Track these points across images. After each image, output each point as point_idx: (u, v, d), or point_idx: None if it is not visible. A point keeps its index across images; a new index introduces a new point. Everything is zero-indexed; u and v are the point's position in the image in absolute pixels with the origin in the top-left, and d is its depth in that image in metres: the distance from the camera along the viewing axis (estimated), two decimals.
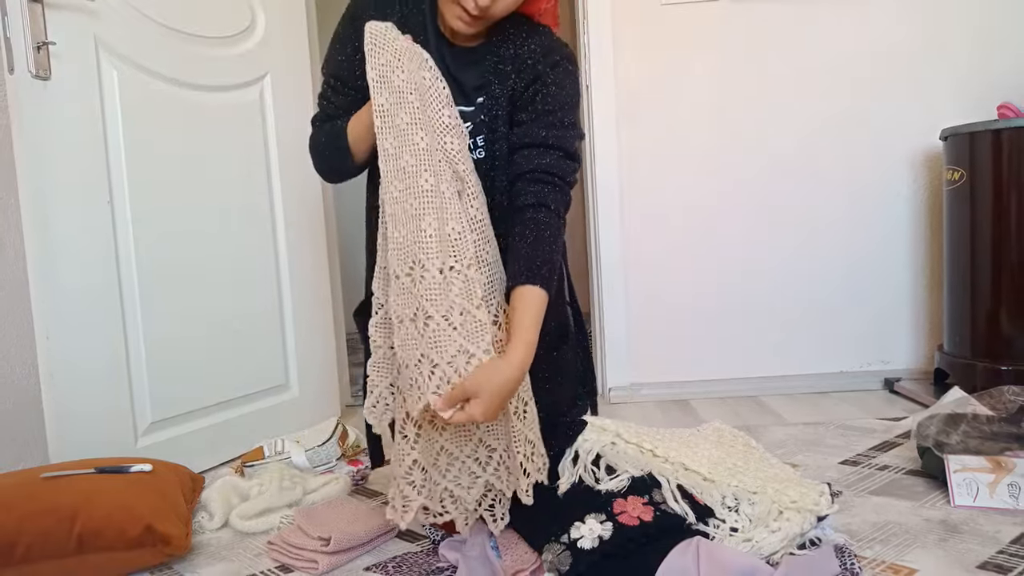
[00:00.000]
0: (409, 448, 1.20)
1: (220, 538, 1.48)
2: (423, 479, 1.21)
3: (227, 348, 1.97)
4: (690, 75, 2.42)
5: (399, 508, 1.21)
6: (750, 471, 1.36)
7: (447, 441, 1.24)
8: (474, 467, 1.25)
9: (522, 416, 1.21)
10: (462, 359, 1.14)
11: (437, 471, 1.24)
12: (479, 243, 1.22)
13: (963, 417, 1.58)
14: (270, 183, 2.11)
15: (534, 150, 1.25)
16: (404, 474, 1.20)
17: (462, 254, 1.18)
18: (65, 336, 1.62)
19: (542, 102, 1.27)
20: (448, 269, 1.17)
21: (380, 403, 1.28)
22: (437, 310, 1.16)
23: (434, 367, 1.15)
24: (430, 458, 1.23)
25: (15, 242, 1.59)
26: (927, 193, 2.44)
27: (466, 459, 1.25)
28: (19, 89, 1.55)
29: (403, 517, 1.20)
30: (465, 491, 1.24)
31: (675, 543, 1.12)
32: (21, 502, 1.29)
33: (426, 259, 1.17)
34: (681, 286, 2.47)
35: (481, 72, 1.30)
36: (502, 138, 1.28)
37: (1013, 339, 2.04)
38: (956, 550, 1.24)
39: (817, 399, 2.34)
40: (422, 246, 1.17)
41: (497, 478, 1.25)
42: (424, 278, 1.17)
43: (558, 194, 1.25)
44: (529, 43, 1.28)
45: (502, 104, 1.28)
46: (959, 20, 2.37)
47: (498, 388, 1.11)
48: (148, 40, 1.80)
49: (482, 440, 1.25)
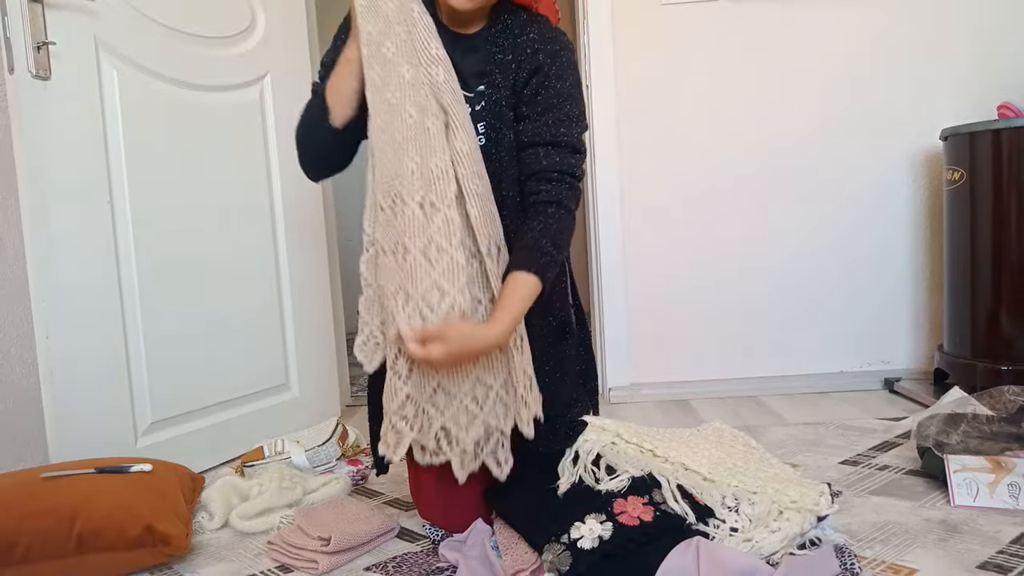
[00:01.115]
0: (401, 384, 1.20)
1: (220, 538, 1.48)
2: (415, 413, 1.20)
3: (227, 348, 1.97)
4: (690, 74, 2.42)
5: (391, 444, 1.21)
6: (750, 471, 1.35)
7: (443, 379, 1.23)
8: (471, 406, 1.24)
9: (520, 348, 1.23)
10: (435, 295, 1.17)
11: (434, 409, 1.23)
12: (467, 177, 1.22)
13: (963, 417, 1.58)
14: (270, 183, 2.11)
15: (542, 148, 1.27)
16: (396, 409, 1.20)
17: (444, 192, 1.19)
18: (65, 336, 1.62)
19: (545, 96, 1.28)
20: (428, 205, 1.19)
21: (370, 341, 1.27)
22: (415, 244, 1.18)
23: (408, 299, 1.17)
24: (425, 395, 1.23)
25: (15, 242, 1.58)
26: (927, 193, 2.43)
27: (463, 397, 1.24)
28: (19, 89, 1.55)
29: (395, 452, 1.20)
30: (463, 431, 1.23)
31: (675, 543, 1.12)
32: (21, 502, 1.29)
33: (406, 193, 1.19)
34: (681, 286, 2.47)
35: (480, 60, 1.31)
36: (507, 126, 1.29)
37: (1013, 339, 2.04)
38: (956, 550, 1.24)
39: (817, 399, 2.34)
40: (403, 180, 1.19)
41: (495, 416, 1.24)
42: (404, 212, 1.19)
43: (568, 190, 1.28)
44: (527, 32, 1.29)
45: (504, 94, 1.29)
46: (959, 20, 2.37)
47: (466, 345, 1.15)
48: (148, 40, 1.80)
49: (479, 378, 1.24)
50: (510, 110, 1.29)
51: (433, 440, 1.23)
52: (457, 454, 1.24)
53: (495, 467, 1.26)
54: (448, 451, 1.24)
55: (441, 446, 1.24)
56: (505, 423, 1.25)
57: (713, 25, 2.40)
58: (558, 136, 1.27)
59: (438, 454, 1.24)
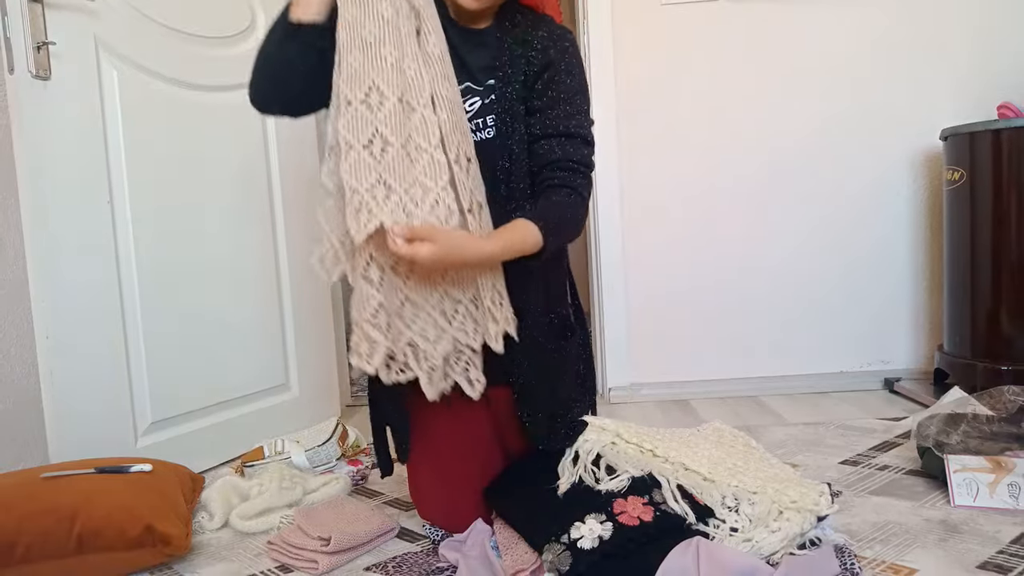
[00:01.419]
0: (374, 291, 1.17)
1: (220, 538, 1.48)
2: (387, 323, 1.17)
3: (227, 348, 1.97)
4: (690, 74, 2.42)
5: (364, 353, 1.17)
6: (750, 471, 1.35)
7: (411, 291, 1.21)
8: (440, 320, 1.21)
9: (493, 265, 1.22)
10: (418, 191, 1.14)
11: (401, 322, 1.20)
12: (437, 80, 1.20)
13: (963, 417, 1.58)
14: (270, 183, 2.11)
15: (555, 140, 1.29)
16: (369, 317, 1.16)
17: (419, 94, 1.17)
18: (65, 336, 1.62)
19: (556, 90, 1.30)
20: (406, 103, 1.16)
21: (330, 252, 1.23)
22: (396, 138, 1.15)
23: (389, 192, 1.13)
24: (393, 306, 1.20)
25: (15, 241, 1.58)
26: (927, 193, 2.43)
27: (431, 310, 1.21)
28: (19, 89, 1.55)
29: (369, 361, 1.17)
30: (432, 345, 1.21)
31: (675, 543, 1.12)
32: (21, 502, 1.29)
33: (385, 86, 1.15)
34: (681, 286, 2.47)
35: (489, 54, 1.32)
36: (518, 119, 1.30)
37: (1013, 339, 2.04)
38: (956, 550, 1.24)
39: (817, 399, 2.34)
40: (381, 72, 1.15)
41: (464, 332, 1.22)
42: (383, 105, 1.15)
43: (583, 179, 1.31)
44: (536, 31, 1.32)
45: (515, 88, 1.30)
46: (959, 20, 2.37)
47: (455, 251, 1.13)
48: (148, 40, 1.80)
49: (447, 292, 1.22)
50: (521, 104, 1.30)
51: (401, 353, 1.20)
52: (425, 370, 1.20)
53: (467, 386, 1.24)
54: (416, 367, 1.20)
55: (408, 362, 1.20)
56: (475, 339, 1.23)
57: (713, 25, 2.40)
58: (571, 128, 1.30)
59: (405, 371, 1.20)
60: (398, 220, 1.13)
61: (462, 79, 1.30)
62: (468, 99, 1.31)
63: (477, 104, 1.31)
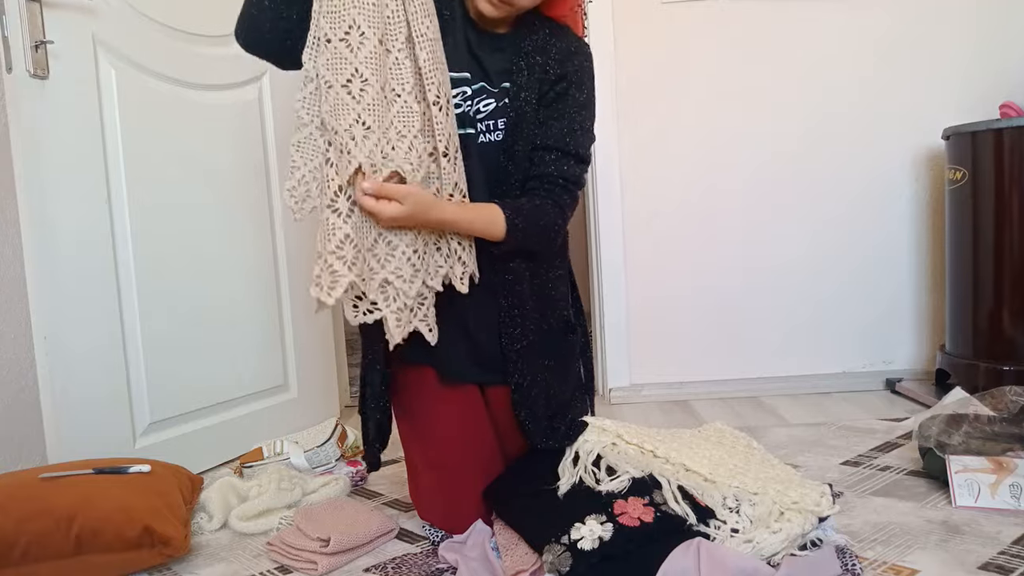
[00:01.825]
0: (340, 222, 1.14)
1: (219, 539, 1.47)
2: (354, 256, 1.15)
3: (226, 348, 1.97)
4: (690, 74, 2.42)
5: (325, 285, 1.13)
6: (751, 472, 1.35)
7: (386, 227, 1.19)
8: (413, 258, 1.20)
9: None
10: (394, 133, 1.14)
11: (375, 259, 1.18)
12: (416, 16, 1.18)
13: (965, 418, 1.57)
14: (268, 182, 2.11)
15: (551, 153, 1.31)
16: (334, 249, 1.13)
17: (396, 35, 1.16)
18: (63, 336, 1.62)
19: (564, 103, 1.32)
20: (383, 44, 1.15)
21: (301, 185, 1.21)
22: (377, 79, 1.14)
23: (368, 132, 1.13)
24: (366, 242, 1.18)
25: (13, 241, 1.58)
26: (929, 193, 2.43)
27: (406, 248, 1.19)
28: (17, 88, 1.54)
29: (330, 294, 1.13)
30: (407, 284, 1.19)
31: (676, 544, 1.12)
32: (19, 503, 1.28)
33: (365, 25, 1.14)
34: (682, 286, 2.47)
35: (506, 58, 1.33)
36: (528, 124, 1.31)
37: (1015, 339, 2.04)
38: (957, 551, 1.24)
39: (818, 399, 2.33)
40: (361, 10, 1.14)
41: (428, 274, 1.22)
42: (364, 45, 1.14)
43: (568, 196, 1.33)
44: (555, 41, 1.34)
45: (530, 94, 1.31)
46: (961, 19, 2.36)
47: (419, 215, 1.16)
48: (146, 39, 1.79)
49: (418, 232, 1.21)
50: (533, 110, 1.32)
51: (375, 291, 1.18)
52: (394, 310, 1.18)
53: (427, 332, 1.23)
54: (385, 307, 1.18)
55: (378, 301, 1.18)
56: (435, 281, 1.23)
57: (713, 25, 2.40)
58: (568, 145, 1.32)
59: (372, 311, 1.18)
60: (375, 163, 1.14)
61: (477, 79, 1.32)
62: (483, 100, 1.32)
63: (491, 106, 1.32)
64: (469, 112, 1.31)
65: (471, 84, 1.32)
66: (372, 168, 1.14)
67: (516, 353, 1.33)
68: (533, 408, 1.34)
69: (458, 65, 1.30)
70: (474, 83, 1.32)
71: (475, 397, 1.37)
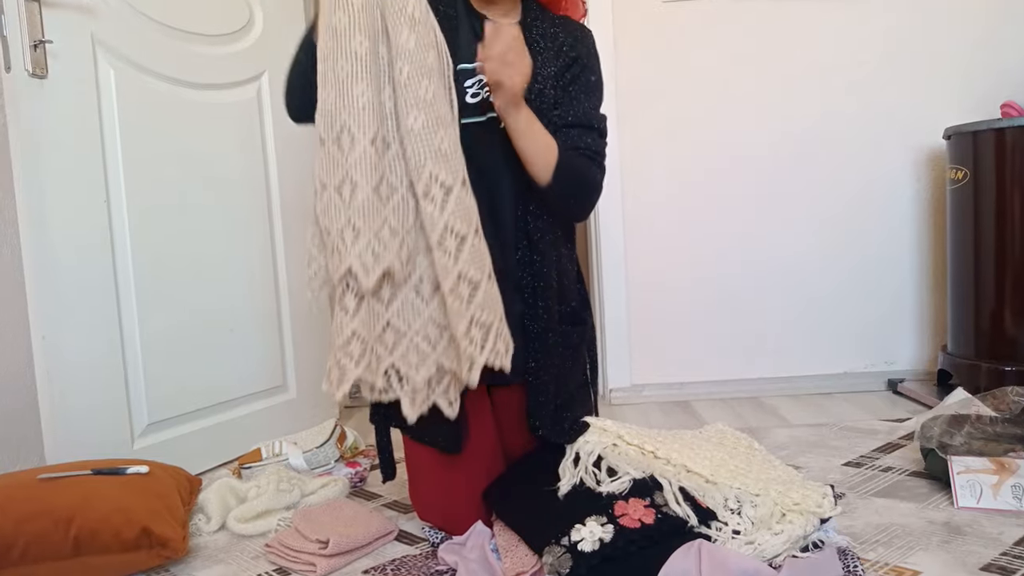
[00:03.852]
0: (348, 320, 1.18)
1: (217, 540, 1.47)
2: (362, 351, 1.18)
3: (224, 349, 1.96)
4: (690, 74, 2.41)
5: (334, 380, 1.18)
6: (752, 473, 1.35)
7: (393, 316, 1.20)
8: (423, 344, 1.20)
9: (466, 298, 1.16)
10: (387, 231, 1.15)
11: (383, 347, 1.20)
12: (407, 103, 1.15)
13: (967, 418, 1.57)
14: (268, 181, 2.10)
15: (576, 129, 1.36)
16: (342, 345, 1.18)
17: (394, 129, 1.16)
18: (62, 336, 1.62)
19: (579, 84, 1.38)
20: (380, 140, 1.15)
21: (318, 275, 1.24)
22: (367, 181, 1.14)
23: (357, 235, 1.14)
24: (374, 333, 1.20)
25: (11, 241, 1.58)
26: (931, 192, 2.42)
27: (414, 336, 1.20)
28: (16, 87, 1.54)
29: (339, 388, 1.18)
30: (413, 370, 1.20)
31: (677, 546, 1.11)
32: (18, 504, 1.28)
33: (356, 128, 1.14)
34: (683, 287, 2.46)
35: None
36: (548, 104, 1.34)
37: (1017, 340, 2.03)
38: (959, 552, 1.23)
39: (820, 400, 2.33)
40: (352, 113, 1.14)
41: (448, 357, 1.21)
42: (354, 148, 1.14)
43: (597, 168, 1.41)
44: (562, 27, 1.40)
45: (548, 77, 1.35)
46: (962, 18, 2.36)
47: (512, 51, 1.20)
48: (145, 38, 1.79)
49: (431, 317, 1.21)
50: (551, 92, 1.36)
51: (383, 378, 1.20)
52: (408, 393, 1.20)
53: (446, 407, 1.23)
54: (398, 389, 1.20)
55: (391, 383, 1.20)
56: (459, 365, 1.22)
57: (713, 25, 2.40)
58: (592, 121, 1.38)
59: (387, 391, 1.21)
60: (366, 263, 1.14)
61: None
62: None
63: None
64: (489, 99, 1.33)
65: None
66: (363, 269, 1.15)
67: (537, 336, 1.34)
68: (544, 396, 1.34)
69: (470, 58, 1.33)
70: None
71: (481, 397, 1.37)
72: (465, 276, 1.16)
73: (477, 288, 1.17)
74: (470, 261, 1.17)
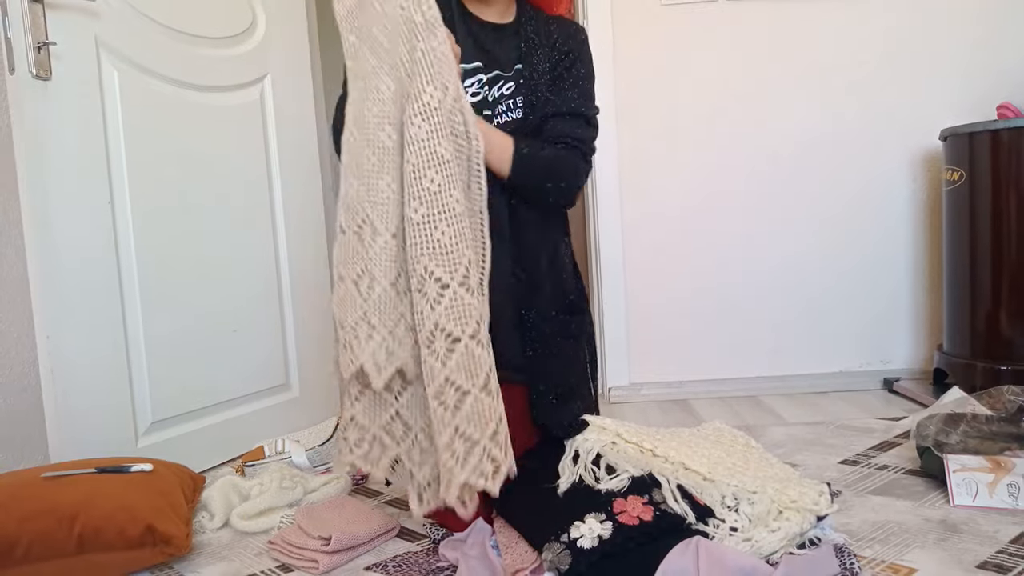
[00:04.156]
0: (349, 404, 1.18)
1: (220, 538, 1.48)
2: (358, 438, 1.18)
3: (227, 348, 1.97)
4: (690, 75, 2.42)
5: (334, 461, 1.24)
6: (750, 471, 1.36)
7: (402, 408, 1.19)
8: (425, 443, 1.18)
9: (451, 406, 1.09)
10: (403, 327, 1.13)
11: (390, 437, 1.19)
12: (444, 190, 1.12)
13: (962, 417, 1.58)
14: (270, 183, 2.11)
15: (561, 118, 1.38)
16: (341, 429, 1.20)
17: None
18: (66, 335, 1.63)
19: (570, 75, 1.41)
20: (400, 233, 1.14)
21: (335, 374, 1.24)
22: (385, 276, 1.12)
23: (372, 330, 1.12)
24: (381, 421, 1.19)
25: (16, 241, 1.59)
26: (927, 193, 2.44)
27: (419, 432, 1.18)
28: (20, 89, 1.55)
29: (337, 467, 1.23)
30: (416, 467, 1.19)
31: (675, 543, 1.12)
32: (22, 502, 1.29)
33: (378, 221, 1.12)
34: (681, 286, 2.47)
35: (514, 45, 1.41)
36: (543, 106, 1.38)
37: (1012, 339, 2.05)
38: (955, 550, 1.24)
39: (816, 399, 2.34)
40: (375, 205, 1.12)
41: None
42: (375, 241, 1.12)
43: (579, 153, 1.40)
44: (555, 25, 1.46)
45: (544, 73, 1.39)
46: (962, 19, 2.37)
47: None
48: (149, 40, 1.80)
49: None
50: (547, 87, 1.39)
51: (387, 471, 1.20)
52: (415, 487, 1.19)
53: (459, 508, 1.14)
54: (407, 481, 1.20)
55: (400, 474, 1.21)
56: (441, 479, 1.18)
57: (713, 25, 2.40)
58: (578, 108, 1.40)
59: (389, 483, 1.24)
60: (378, 362, 1.12)
61: (492, 67, 1.39)
62: (501, 84, 1.39)
63: (511, 87, 1.39)
64: (488, 97, 1.38)
65: (486, 72, 1.39)
66: (375, 368, 1.12)
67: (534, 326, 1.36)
68: (544, 385, 1.36)
69: (468, 58, 1.36)
70: (488, 71, 1.39)
71: None
72: (452, 382, 1.09)
73: (465, 397, 1.10)
74: (459, 367, 1.10)
